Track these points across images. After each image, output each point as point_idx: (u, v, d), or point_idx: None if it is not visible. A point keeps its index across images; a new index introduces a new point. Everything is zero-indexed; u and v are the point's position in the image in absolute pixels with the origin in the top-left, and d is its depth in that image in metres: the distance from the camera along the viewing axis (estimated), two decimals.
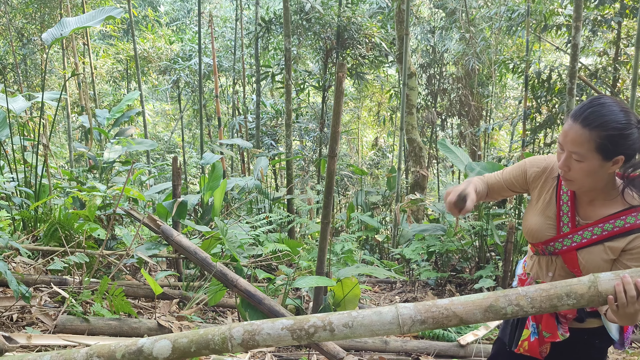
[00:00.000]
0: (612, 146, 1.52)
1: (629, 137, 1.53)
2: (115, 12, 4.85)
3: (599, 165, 1.56)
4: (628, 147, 1.53)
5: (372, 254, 6.65)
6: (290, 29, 6.63)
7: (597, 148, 1.53)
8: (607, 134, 1.52)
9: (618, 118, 1.53)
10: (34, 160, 5.06)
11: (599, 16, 6.74)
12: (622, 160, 1.55)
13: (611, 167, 1.57)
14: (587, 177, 1.59)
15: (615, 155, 1.54)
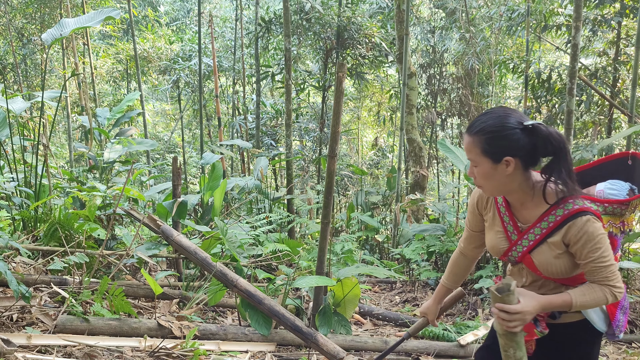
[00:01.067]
0: (493, 148, 1.63)
1: (508, 138, 1.62)
2: (114, 12, 4.89)
3: (492, 168, 1.66)
4: (510, 147, 1.62)
5: (372, 254, 6.65)
6: (290, 29, 6.63)
7: (483, 152, 1.65)
8: (486, 137, 1.64)
9: (495, 122, 1.64)
10: (34, 160, 5.06)
11: (599, 16, 6.74)
12: (513, 161, 1.63)
13: (506, 169, 1.65)
14: (487, 180, 1.69)
15: (501, 156, 1.63)
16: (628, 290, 4.64)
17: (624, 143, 6.13)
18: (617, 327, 1.79)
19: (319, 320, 3.61)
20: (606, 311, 1.78)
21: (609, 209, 1.72)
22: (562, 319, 1.79)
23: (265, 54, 10.35)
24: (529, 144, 1.63)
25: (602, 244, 1.63)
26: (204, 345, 3.28)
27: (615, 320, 1.78)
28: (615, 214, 1.73)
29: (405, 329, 4.28)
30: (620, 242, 1.84)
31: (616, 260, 1.75)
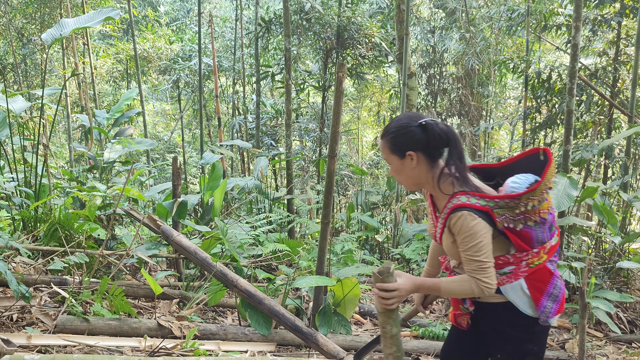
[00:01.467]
0: (396, 145, 1.89)
1: (406, 135, 1.87)
2: (114, 13, 4.91)
3: (400, 163, 1.91)
4: (410, 142, 1.87)
5: (372, 254, 6.64)
6: (290, 29, 6.63)
7: (390, 150, 1.91)
8: (389, 137, 1.91)
9: (397, 124, 1.91)
10: (34, 160, 5.06)
11: (599, 16, 6.73)
12: (415, 154, 1.88)
13: (411, 163, 1.89)
14: (400, 175, 1.95)
15: (403, 151, 1.88)
16: (628, 290, 4.64)
17: (624, 143, 6.13)
18: (543, 313, 1.89)
19: (319, 320, 3.61)
20: (529, 295, 1.89)
21: (500, 203, 1.83)
22: (486, 299, 1.94)
23: (265, 54, 10.34)
24: (425, 138, 1.86)
25: (473, 239, 1.80)
26: (204, 345, 3.28)
27: (540, 305, 1.89)
28: (509, 207, 1.83)
29: (405, 329, 4.28)
30: (541, 233, 1.90)
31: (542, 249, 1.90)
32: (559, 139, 8.08)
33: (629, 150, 5.80)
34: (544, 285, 1.90)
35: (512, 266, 1.89)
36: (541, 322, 1.91)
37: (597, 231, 5.06)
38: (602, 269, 4.69)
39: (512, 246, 1.90)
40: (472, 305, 2.00)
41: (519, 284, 1.89)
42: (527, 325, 1.92)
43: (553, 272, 1.93)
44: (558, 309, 1.92)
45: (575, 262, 3.96)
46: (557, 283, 1.92)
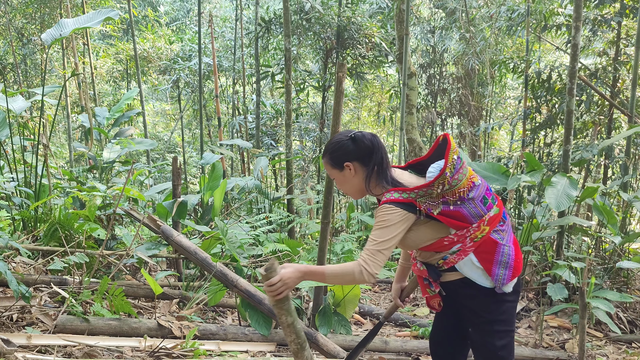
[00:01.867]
0: (334, 159, 2.12)
1: (341, 149, 2.10)
2: (113, 13, 4.91)
3: (342, 175, 2.13)
4: (345, 154, 2.09)
5: None
6: (290, 29, 6.63)
7: (331, 165, 2.14)
8: (328, 154, 2.14)
9: (332, 141, 2.14)
10: (34, 160, 5.06)
11: (599, 16, 6.73)
12: (351, 164, 2.09)
13: (350, 172, 2.11)
14: (343, 185, 2.17)
15: (341, 163, 2.11)
16: (628, 290, 4.64)
17: (624, 143, 6.13)
18: (498, 281, 2.03)
19: (319, 320, 3.61)
20: (482, 268, 2.04)
21: (420, 192, 2.00)
22: (445, 278, 2.12)
23: (265, 54, 10.34)
24: (356, 149, 2.08)
25: (380, 225, 1.98)
26: (204, 345, 3.28)
27: (493, 275, 2.03)
28: (427, 194, 2.00)
29: (405, 329, 4.28)
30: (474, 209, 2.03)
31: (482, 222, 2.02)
32: (559, 139, 8.08)
33: (629, 150, 5.80)
34: (491, 255, 2.04)
35: (458, 244, 2.03)
36: (497, 290, 2.04)
37: (597, 231, 5.06)
38: (602, 269, 4.69)
39: (450, 227, 2.04)
40: (437, 287, 2.15)
41: (469, 259, 2.04)
42: (486, 296, 2.06)
43: (497, 241, 2.05)
44: (511, 275, 2.05)
45: (575, 262, 3.96)
46: (503, 250, 2.05)
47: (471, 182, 2.04)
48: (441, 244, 2.04)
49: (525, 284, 5.03)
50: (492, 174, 4.81)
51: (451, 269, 2.07)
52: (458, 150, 2.06)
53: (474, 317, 2.12)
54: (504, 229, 2.09)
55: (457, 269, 2.06)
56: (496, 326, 2.08)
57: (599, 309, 3.79)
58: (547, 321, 4.45)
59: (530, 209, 5.07)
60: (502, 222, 2.09)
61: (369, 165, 2.08)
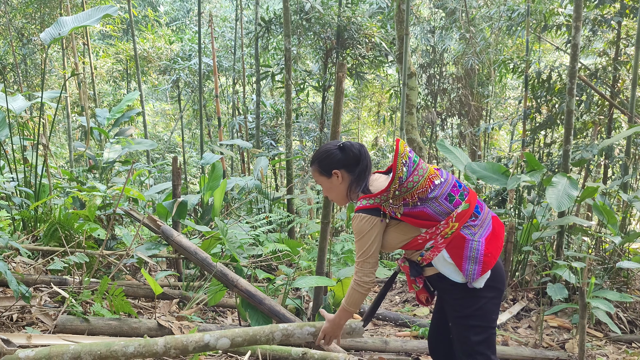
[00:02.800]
0: (323, 167, 2.25)
1: (329, 157, 2.23)
2: (112, 10, 4.82)
3: (329, 182, 2.26)
4: (333, 162, 2.22)
5: None
6: (290, 29, 6.63)
7: (319, 173, 2.27)
8: (317, 162, 2.26)
9: (321, 150, 2.27)
10: (34, 160, 5.06)
11: (599, 16, 6.73)
12: (339, 172, 2.22)
13: (337, 180, 2.23)
14: (331, 192, 2.30)
15: (329, 171, 2.24)
16: (628, 290, 4.64)
17: (624, 143, 6.12)
18: (468, 276, 2.09)
19: (319, 320, 3.60)
20: (453, 263, 2.11)
21: (382, 197, 2.12)
22: (426, 273, 2.22)
23: (265, 54, 10.34)
24: (344, 157, 2.21)
25: (357, 236, 2.15)
26: None
27: (463, 270, 2.09)
28: (388, 198, 2.11)
29: (405, 329, 4.28)
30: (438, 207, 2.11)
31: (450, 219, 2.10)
32: (559, 139, 8.08)
33: (629, 150, 5.80)
34: (461, 250, 2.10)
35: (430, 241, 2.12)
36: (469, 286, 2.10)
37: (597, 231, 5.06)
38: (602, 269, 4.69)
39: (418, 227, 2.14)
40: (420, 282, 2.25)
41: (441, 255, 2.12)
42: (460, 291, 2.13)
43: (466, 237, 2.11)
44: (481, 269, 2.09)
45: (575, 262, 3.96)
46: (472, 246, 2.11)
47: (431, 182, 2.11)
48: (416, 242, 2.14)
49: (525, 284, 5.03)
50: (492, 174, 4.80)
51: (429, 264, 2.17)
52: (408, 154, 2.14)
53: (451, 311, 2.20)
54: (476, 224, 2.14)
55: (433, 265, 2.16)
56: (471, 321, 2.13)
57: (599, 309, 3.79)
58: (547, 321, 4.45)
59: (530, 209, 5.06)
60: (474, 217, 2.15)
61: (354, 172, 2.20)
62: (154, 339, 2.03)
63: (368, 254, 2.14)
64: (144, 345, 2.02)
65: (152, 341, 2.00)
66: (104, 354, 2.02)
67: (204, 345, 2.14)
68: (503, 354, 3.69)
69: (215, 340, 2.17)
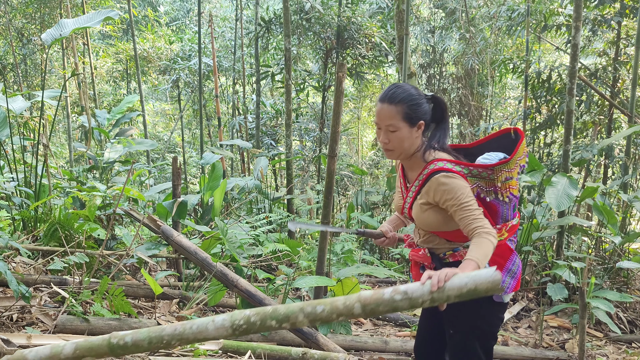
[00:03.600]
0: (413, 113, 1.96)
1: (422, 106, 1.98)
2: (113, 13, 4.93)
3: (409, 131, 1.97)
4: (423, 113, 1.98)
5: (372, 254, 6.65)
6: (290, 29, 6.63)
7: (403, 117, 1.96)
8: (407, 104, 1.96)
9: (412, 93, 1.98)
10: (34, 160, 5.06)
11: (599, 16, 6.73)
12: (423, 125, 1.99)
13: (417, 132, 1.99)
14: (402, 142, 1.99)
15: (417, 120, 1.97)
16: (628, 290, 4.64)
17: (624, 143, 6.13)
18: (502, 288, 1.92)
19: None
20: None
21: (474, 171, 1.94)
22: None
23: (265, 54, 10.34)
24: (431, 111, 2.01)
25: (457, 191, 1.85)
26: (204, 345, 3.27)
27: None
28: (482, 177, 1.94)
29: (405, 329, 4.28)
30: (506, 210, 2.00)
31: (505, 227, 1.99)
32: (559, 139, 8.08)
33: (629, 150, 5.80)
34: (504, 260, 1.97)
35: None
36: (495, 298, 1.97)
37: (597, 231, 5.06)
38: (602, 269, 4.69)
39: None
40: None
41: None
42: (482, 300, 1.89)
43: (513, 249, 2.00)
44: (515, 286, 2.00)
45: (575, 262, 3.96)
46: (515, 260, 2.01)
47: (516, 186, 2.00)
48: (461, 233, 1.94)
49: (525, 284, 5.03)
50: None
51: (455, 264, 1.94)
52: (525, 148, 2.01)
53: (458, 320, 2.03)
54: (515, 241, 2.06)
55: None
56: (482, 332, 2.03)
57: (599, 309, 3.79)
58: (547, 321, 4.45)
59: (530, 209, 5.07)
60: (515, 235, 2.05)
61: (430, 130, 2.03)
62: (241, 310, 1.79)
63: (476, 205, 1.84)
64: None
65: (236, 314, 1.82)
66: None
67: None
68: (503, 354, 3.69)
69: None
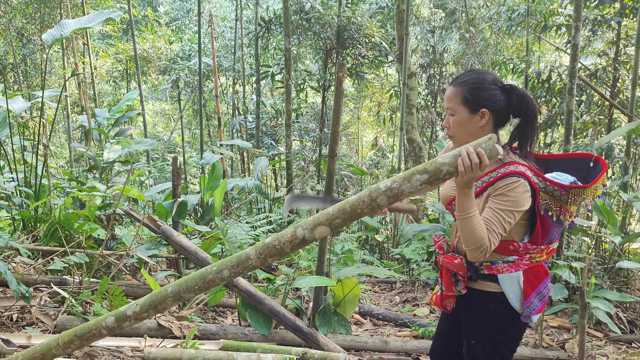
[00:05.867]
0: (473, 97, 1.84)
1: (488, 91, 1.84)
2: (114, 14, 4.96)
3: (468, 117, 1.86)
4: (488, 100, 1.84)
5: (372, 254, 6.65)
6: (290, 29, 6.63)
7: (462, 101, 1.85)
8: (468, 87, 1.85)
9: (479, 77, 1.86)
10: (34, 160, 5.06)
11: (599, 16, 6.73)
12: (488, 114, 1.84)
13: (480, 121, 1.86)
14: (460, 129, 1.89)
15: (478, 107, 1.84)
16: (628, 290, 4.64)
17: (624, 143, 6.12)
18: (529, 308, 1.90)
19: (319, 320, 3.60)
20: (522, 289, 1.90)
21: (549, 188, 1.83)
22: (480, 286, 1.95)
23: (265, 54, 10.34)
24: (504, 101, 1.85)
25: (512, 205, 1.75)
26: (204, 345, 3.27)
27: (528, 300, 1.90)
28: (554, 196, 1.83)
29: (405, 329, 4.28)
30: (556, 233, 1.94)
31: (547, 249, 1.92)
32: (559, 139, 8.08)
33: (629, 150, 5.80)
34: (538, 282, 1.93)
35: (516, 255, 1.89)
36: (523, 318, 1.93)
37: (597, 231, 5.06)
38: (602, 269, 4.69)
39: (528, 235, 1.89)
40: (464, 289, 1.98)
41: (517, 275, 1.90)
42: (510, 317, 1.93)
43: (548, 273, 1.96)
44: (540, 308, 1.95)
45: (575, 262, 3.96)
46: (548, 284, 1.96)
47: (572, 212, 1.90)
48: (506, 246, 1.87)
49: None
50: None
51: (489, 277, 1.92)
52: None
53: (484, 332, 1.99)
54: (548, 264, 2.04)
55: (497, 280, 1.91)
56: (503, 348, 1.99)
57: (599, 309, 3.79)
58: (547, 321, 4.45)
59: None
60: (548, 260, 2.02)
61: (503, 124, 1.89)
62: (244, 251, 1.90)
63: (506, 227, 1.76)
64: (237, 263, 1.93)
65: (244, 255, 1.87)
66: (202, 287, 1.95)
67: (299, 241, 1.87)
68: None
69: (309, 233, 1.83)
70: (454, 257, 1.98)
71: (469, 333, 2.04)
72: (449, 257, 2.00)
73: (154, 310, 2.07)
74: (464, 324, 2.07)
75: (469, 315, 2.02)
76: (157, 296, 2.06)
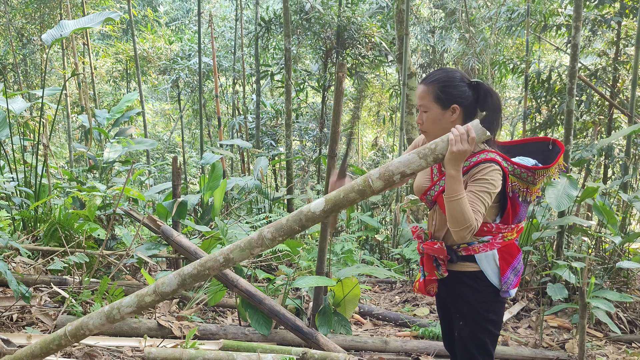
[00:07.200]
0: (444, 95, 1.96)
1: (457, 88, 1.96)
2: (114, 15, 4.97)
3: (440, 114, 1.98)
4: (458, 96, 1.96)
5: (372, 254, 6.65)
6: (290, 29, 6.63)
7: (434, 98, 1.97)
8: (439, 85, 1.97)
9: (449, 75, 1.99)
10: (34, 160, 5.06)
11: (599, 16, 6.73)
12: (459, 109, 1.97)
13: (451, 116, 1.98)
14: (434, 124, 2.00)
15: (450, 103, 1.96)
16: (628, 290, 4.64)
17: (624, 143, 6.13)
18: (506, 283, 2.04)
19: (319, 320, 3.60)
20: (499, 266, 2.04)
21: (517, 171, 1.97)
22: (460, 267, 2.07)
23: (265, 53, 10.34)
24: (472, 97, 1.98)
25: (489, 187, 1.88)
26: (204, 345, 3.28)
27: (505, 276, 2.04)
28: (522, 178, 1.98)
29: (405, 329, 4.28)
30: (524, 213, 2.08)
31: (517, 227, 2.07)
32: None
33: (629, 150, 5.80)
34: (512, 258, 2.06)
35: (490, 235, 2.03)
36: (502, 294, 2.05)
37: (597, 231, 5.06)
38: (602, 269, 4.69)
39: (500, 215, 2.04)
40: (445, 272, 2.09)
41: (492, 253, 2.03)
42: (491, 294, 2.06)
43: (520, 249, 2.12)
44: (516, 283, 2.09)
45: (575, 262, 3.96)
46: (520, 260, 2.11)
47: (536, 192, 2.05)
48: (481, 227, 1.99)
49: (525, 284, 5.03)
50: None
51: (467, 258, 2.04)
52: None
53: (470, 311, 2.10)
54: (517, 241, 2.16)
55: (474, 260, 2.04)
56: (489, 325, 2.10)
57: (599, 309, 3.79)
58: (547, 321, 4.45)
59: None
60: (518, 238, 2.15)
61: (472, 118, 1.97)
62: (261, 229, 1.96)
63: (486, 207, 1.89)
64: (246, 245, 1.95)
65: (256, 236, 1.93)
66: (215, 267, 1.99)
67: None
68: (503, 354, 3.69)
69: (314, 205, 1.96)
70: (434, 243, 2.09)
71: (457, 314, 2.15)
72: (429, 244, 2.10)
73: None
74: (451, 308, 2.18)
75: (454, 296, 2.14)
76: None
